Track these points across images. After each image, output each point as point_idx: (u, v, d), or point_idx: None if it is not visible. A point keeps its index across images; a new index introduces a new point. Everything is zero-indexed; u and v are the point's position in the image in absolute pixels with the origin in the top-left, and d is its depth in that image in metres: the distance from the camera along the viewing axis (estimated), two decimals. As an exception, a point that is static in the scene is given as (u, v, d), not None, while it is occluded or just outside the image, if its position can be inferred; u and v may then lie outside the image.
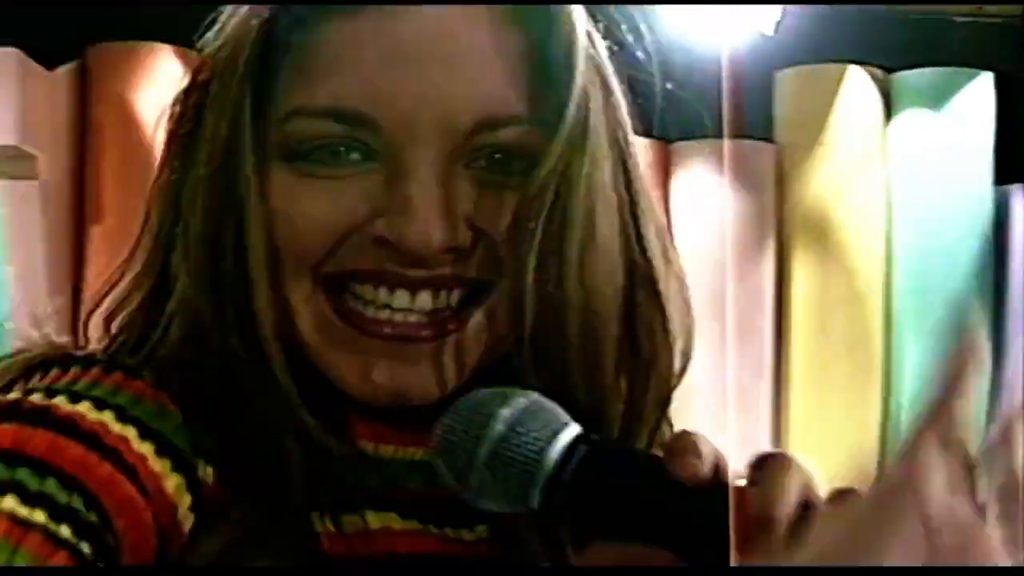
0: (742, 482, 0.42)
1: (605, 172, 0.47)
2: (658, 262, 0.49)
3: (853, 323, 3.44)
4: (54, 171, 4.54)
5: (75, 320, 0.56)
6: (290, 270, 0.44)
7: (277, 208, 0.44)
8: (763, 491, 0.39)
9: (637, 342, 0.47)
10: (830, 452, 3.92)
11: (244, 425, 0.44)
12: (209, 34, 0.49)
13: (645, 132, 0.66)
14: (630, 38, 0.52)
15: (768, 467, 0.41)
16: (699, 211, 4.91)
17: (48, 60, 4.44)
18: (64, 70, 4.68)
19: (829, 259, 3.49)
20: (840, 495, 0.40)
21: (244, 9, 0.46)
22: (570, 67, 0.44)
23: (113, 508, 0.40)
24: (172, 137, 0.49)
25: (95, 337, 0.52)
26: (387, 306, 0.43)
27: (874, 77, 3.13)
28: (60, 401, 0.42)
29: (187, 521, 0.43)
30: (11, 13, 4.32)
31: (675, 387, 0.51)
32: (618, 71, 0.53)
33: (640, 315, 0.47)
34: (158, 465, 0.42)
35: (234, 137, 0.44)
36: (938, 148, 3.15)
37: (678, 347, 0.50)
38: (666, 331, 0.49)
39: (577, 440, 0.40)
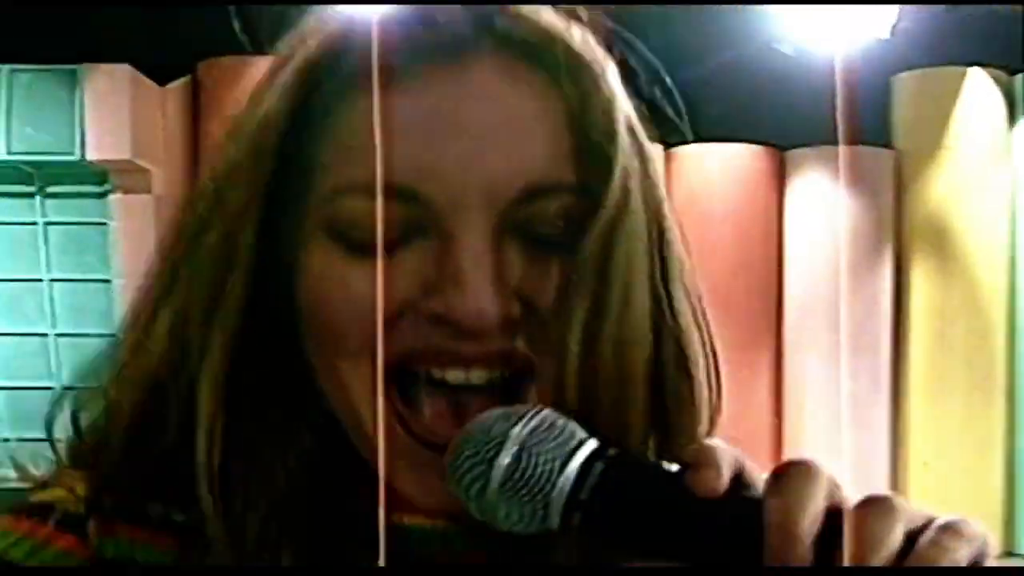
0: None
1: (643, 238, 0.44)
2: (688, 327, 0.47)
3: (974, 334, 3.34)
4: (167, 185, 4.60)
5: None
6: (347, 358, 0.43)
7: (325, 290, 0.44)
8: (785, 502, 0.37)
9: (664, 406, 0.45)
10: (951, 466, 3.80)
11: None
12: (247, 94, 0.50)
13: (757, 139, 0.63)
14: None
15: (789, 476, 0.37)
16: (815, 219, 4.82)
17: (160, 75, 4.51)
18: (176, 85, 4.75)
19: (949, 268, 3.40)
20: (870, 502, 0.38)
21: (283, 75, 0.46)
22: (612, 132, 0.42)
23: None
24: (195, 200, 0.49)
25: None
26: (443, 383, 0.42)
27: (996, 79, 3.03)
28: None
29: None
30: (123, 31, 4.41)
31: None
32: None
33: (668, 380, 0.46)
34: None
35: (254, 209, 0.45)
36: (1065, 152, 3.04)
37: (704, 414, 0.48)
38: (692, 396, 0.46)
39: (593, 456, 0.39)
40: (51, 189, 4.79)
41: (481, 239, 0.41)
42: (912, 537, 0.38)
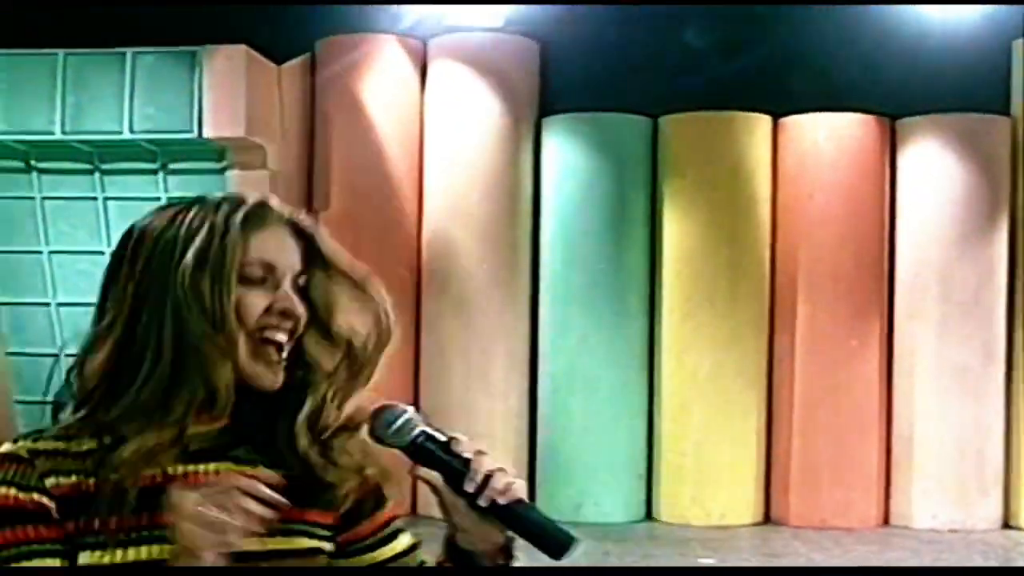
0: None
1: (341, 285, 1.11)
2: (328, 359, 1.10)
3: (1094, 304, 3.27)
4: (283, 161, 4.69)
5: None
6: (238, 331, 1.05)
7: (238, 306, 1.05)
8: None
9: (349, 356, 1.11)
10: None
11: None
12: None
13: (867, 108, 0.64)
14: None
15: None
16: (926, 189, 4.74)
17: (278, 55, 4.59)
18: (293, 64, 4.83)
19: (1067, 237, 3.33)
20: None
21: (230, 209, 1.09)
22: (327, 249, 1.09)
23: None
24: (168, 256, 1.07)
25: None
26: (274, 341, 1.06)
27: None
28: None
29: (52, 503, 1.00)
30: (243, 11, 4.50)
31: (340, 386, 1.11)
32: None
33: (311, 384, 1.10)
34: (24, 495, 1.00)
35: (222, 270, 1.06)
36: None
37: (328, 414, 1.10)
38: (317, 399, 1.10)
39: (420, 432, 1.02)
40: (173, 166, 4.93)
41: (292, 285, 1.06)
42: None
